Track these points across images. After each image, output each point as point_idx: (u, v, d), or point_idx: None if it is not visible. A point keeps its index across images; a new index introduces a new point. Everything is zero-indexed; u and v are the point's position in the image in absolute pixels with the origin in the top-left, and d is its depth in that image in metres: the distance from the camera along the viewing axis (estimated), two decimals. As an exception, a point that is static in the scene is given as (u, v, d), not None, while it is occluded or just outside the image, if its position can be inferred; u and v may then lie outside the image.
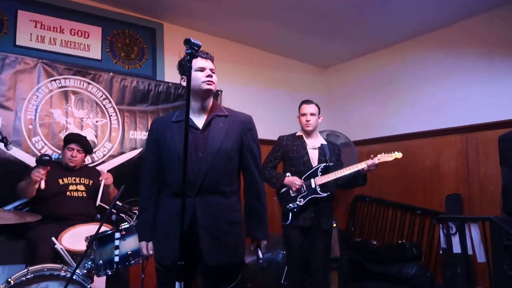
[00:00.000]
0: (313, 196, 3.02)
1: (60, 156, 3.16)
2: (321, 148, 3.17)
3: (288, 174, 3.17)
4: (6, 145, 2.55)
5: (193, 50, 1.42)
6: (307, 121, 3.16)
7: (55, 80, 3.35)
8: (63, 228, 2.63)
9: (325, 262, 3.12)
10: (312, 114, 3.17)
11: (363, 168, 2.95)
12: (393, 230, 4.29)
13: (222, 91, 4.30)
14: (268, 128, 4.77)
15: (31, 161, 3.07)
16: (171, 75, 4.09)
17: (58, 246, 2.38)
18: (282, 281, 3.93)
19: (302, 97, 5.38)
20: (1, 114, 3.06)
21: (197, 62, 1.94)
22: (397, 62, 4.59)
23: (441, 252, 3.22)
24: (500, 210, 3.00)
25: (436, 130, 4.04)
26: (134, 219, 2.84)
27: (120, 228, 2.39)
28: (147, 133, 2.07)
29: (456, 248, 2.82)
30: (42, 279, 2.14)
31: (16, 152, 3.04)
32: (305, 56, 5.20)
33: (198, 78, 1.90)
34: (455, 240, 2.82)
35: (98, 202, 3.00)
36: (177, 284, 1.35)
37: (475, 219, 2.85)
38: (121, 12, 3.92)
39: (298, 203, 3.03)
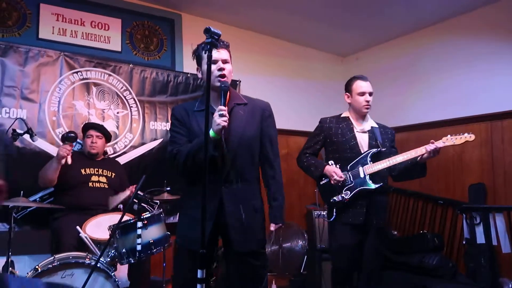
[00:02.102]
0: (361, 188, 2.56)
1: (82, 147, 3.22)
2: (371, 132, 2.70)
3: (331, 162, 2.71)
4: (31, 137, 2.63)
5: (213, 39, 1.42)
6: (367, 101, 2.68)
7: (77, 72, 3.41)
8: (86, 218, 2.70)
9: (376, 265, 2.73)
10: (371, 94, 2.70)
11: (422, 155, 2.45)
12: (414, 220, 4.24)
13: (240, 81, 4.29)
14: (286, 118, 4.76)
15: (55, 152, 3.14)
16: (190, 66, 4.09)
17: (82, 234, 2.45)
18: (301, 271, 3.94)
19: (320, 86, 5.37)
20: (25, 106, 3.14)
21: (206, 53, 1.94)
22: (417, 50, 4.48)
23: (464, 243, 3.17)
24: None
25: (460, 118, 3.94)
26: (155, 209, 2.90)
27: (142, 217, 2.42)
28: (170, 122, 2.07)
29: (480, 239, 2.77)
30: (68, 266, 2.21)
31: (41, 144, 3.12)
32: (324, 45, 5.13)
33: (211, 71, 1.89)
34: (479, 230, 2.77)
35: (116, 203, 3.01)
36: (199, 271, 1.37)
37: (500, 208, 2.79)
38: (140, 3, 3.95)
39: (344, 196, 2.57)
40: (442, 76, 4.20)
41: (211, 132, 1.78)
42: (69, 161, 2.73)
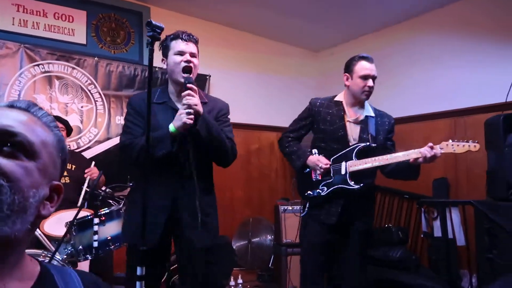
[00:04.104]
0: (340, 186, 2.28)
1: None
2: (364, 122, 2.36)
3: (314, 151, 2.41)
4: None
5: (155, 33, 1.39)
6: (370, 87, 2.32)
7: (38, 65, 3.32)
8: (46, 213, 2.63)
9: (360, 273, 2.38)
10: (374, 79, 2.34)
11: (416, 159, 2.13)
12: (381, 214, 4.30)
13: (210, 76, 4.26)
14: (258, 113, 4.77)
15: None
16: (158, 60, 4.02)
17: (37, 231, 2.39)
18: (270, 265, 3.97)
19: (293, 81, 5.38)
20: (-17, 99, 3.05)
21: (177, 45, 1.90)
22: (388, 46, 4.53)
23: (422, 236, 3.23)
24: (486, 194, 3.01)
25: (425, 114, 4.02)
26: (119, 204, 2.85)
27: (99, 213, 2.38)
28: (126, 111, 2.01)
29: (437, 232, 2.82)
30: (21, 263, 2.15)
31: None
32: (296, 39, 5.13)
33: (176, 63, 1.87)
34: (436, 224, 2.83)
35: (83, 192, 2.97)
36: (138, 268, 1.35)
37: (456, 203, 2.85)
38: (106, -5, 3.87)
39: (320, 192, 2.31)
40: (410, 72, 4.26)
41: (172, 127, 1.76)
42: None
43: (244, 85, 4.70)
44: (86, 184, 2.91)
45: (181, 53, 1.87)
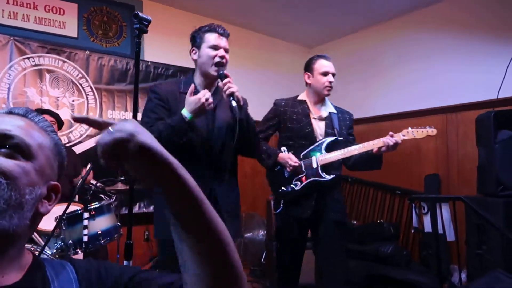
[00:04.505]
0: (313, 179, 2.35)
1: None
2: (328, 119, 2.49)
3: (283, 149, 2.48)
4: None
5: (142, 25, 1.37)
6: (330, 82, 2.44)
7: (28, 58, 3.29)
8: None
9: (339, 264, 2.39)
10: (334, 75, 2.47)
11: (379, 148, 2.28)
12: (373, 210, 4.32)
13: (203, 71, 4.24)
14: (251, 109, 4.74)
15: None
16: (150, 53, 4.02)
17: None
18: (262, 260, 3.97)
19: (286, 78, 5.37)
20: (-28, 92, 3.01)
21: (212, 38, 1.87)
22: (380, 42, 4.53)
23: (413, 231, 3.25)
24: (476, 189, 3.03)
25: (418, 110, 4.03)
26: (110, 199, 2.84)
27: (89, 207, 2.37)
28: (149, 99, 1.86)
29: (428, 227, 2.84)
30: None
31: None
32: (290, 35, 5.12)
33: (210, 56, 1.84)
34: (427, 219, 2.84)
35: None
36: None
37: (446, 198, 2.86)
38: (97, -12, 3.83)
39: (294, 187, 2.37)
40: (402, 69, 4.27)
41: (186, 112, 1.68)
42: None
43: (236, 80, 4.62)
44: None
45: (215, 47, 1.84)
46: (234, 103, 1.72)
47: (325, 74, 2.44)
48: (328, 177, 2.32)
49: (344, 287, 2.35)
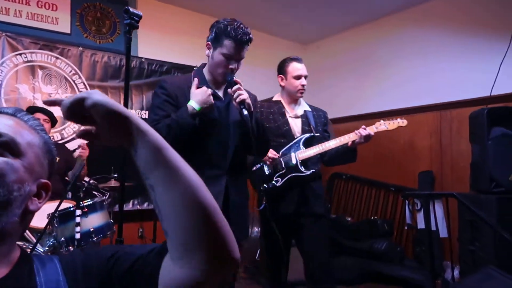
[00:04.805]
0: (293, 174, 2.39)
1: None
2: (304, 116, 2.57)
3: None
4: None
5: (132, 21, 1.36)
6: (303, 85, 2.50)
7: (20, 54, 3.26)
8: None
9: (323, 256, 2.43)
10: (306, 77, 2.54)
11: (353, 141, 2.39)
12: (367, 207, 4.34)
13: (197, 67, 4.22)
14: (246, 105, 4.73)
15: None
16: (144, 50, 4.00)
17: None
18: (256, 257, 3.97)
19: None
20: (-37, 89, 2.98)
21: (229, 46, 1.76)
22: (376, 39, 4.53)
23: (406, 228, 3.26)
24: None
25: (412, 107, 4.03)
26: (103, 196, 2.83)
27: (82, 205, 2.36)
28: (156, 94, 1.80)
29: (421, 224, 2.85)
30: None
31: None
32: (285, 32, 5.10)
33: (220, 66, 1.78)
34: (420, 216, 2.85)
35: (71, 176, 2.94)
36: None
37: (439, 195, 2.87)
38: (90, -16, 3.80)
39: (275, 183, 2.40)
40: (397, 65, 4.27)
41: (194, 104, 1.64)
42: None
43: (232, 77, 4.66)
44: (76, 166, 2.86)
45: (229, 57, 1.76)
46: (245, 112, 1.66)
47: (298, 77, 2.49)
48: (308, 172, 2.39)
49: (330, 279, 2.37)
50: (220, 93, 1.88)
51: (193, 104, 1.65)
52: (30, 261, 0.71)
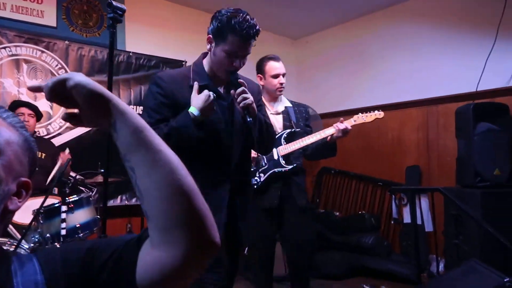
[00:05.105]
0: (275, 169, 2.43)
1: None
2: (285, 112, 2.58)
3: None
4: None
5: (116, 15, 1.34)
6: (281, 84, 2.51)
7: (4, 47, 3.20)
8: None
9: (306, 249, 2.48)
10: (284, 75, 2.55)
11: (331, 135, 2.42)
12: (356, 201, 4.37)
13: (186, 62, 4.19)
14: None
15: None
16: (132, 44, 3.95)
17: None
18: (245, 252, 3.98)
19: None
20: None
21: (233, 41, 1.57)
22: (365, 35, 4.54)
23: (392, 222, 3.30)
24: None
25: (400, 103, 4.06)
26: (90, 191, 2.81)
27: (68, 200, 2.34)
28: (150, 93, 1.61)
29: (407, 218, 2.88)
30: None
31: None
32: (275, 26, 5.08)
33: (223, 63, 1.60)
34: (406, 211, 2.88)
35: (49, 178, 2.91)
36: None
37: (425, 190, 2.91)
38: (77, -24, 3.74)
39: (258, 179, 2.43)
40: (386, 61, 4.29)
41: (194, 110, 1.49)
42: None
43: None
44: (55, 170, 2.83)
45: (232, 55, 1.57)
46: (249, 119, 1.53)
47: (275, 76, 2.50)
48: (289, 167, 2.43)
49: (312, 271, 2.43)
50: (221, 88, 1.73)
51: (194, 111, 1.50)
52: (8, 261, 0.70)
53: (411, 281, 3.11)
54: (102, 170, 2.96)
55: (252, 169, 2.34)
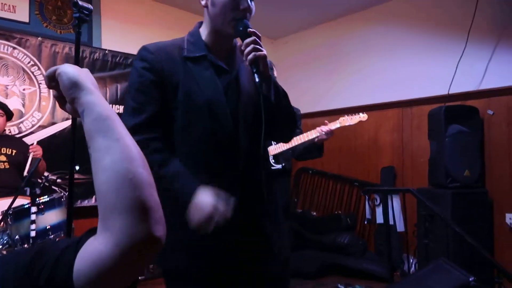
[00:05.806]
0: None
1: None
2: None
3: None
4: None
5: (82, 14, 1.32)
6: None
7: (-26, 43, 3.11)
8: (-16, 201, 2.50)
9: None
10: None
11: (317, 137, 2.54)
12: (332, 201, 4.41)
13: (163, 60, 4.15)
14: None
15: None
16: (108, 41, 3.89)
17: (-31, 220, 2.27)
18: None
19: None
20: None
21: None
22: (342, 36, 4.59)
23: (365, 222, 3.35)
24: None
25: (376, 104, 4.12)
26: (63, 192, 2.76)
27: (38, 202, 2.29)
28: (135, 70, 1.26)
29: (379, 219, 2.93)
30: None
31: None
32: (254, 26, 5.07)
33: (228, 8, 1.23)
34: (379, 211, 2.93)
35: (25, 173, 2.85)
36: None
37: (397, 190, 2.96)
38: (51, -29, 3.66)
39: None
40: (362, 62, 4.34)
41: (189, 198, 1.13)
42: None
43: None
44: (29, 162, 2.76)
45: None
46: (257, 78, 1.17)
47: None
48: (278, 166, 2.59)
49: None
50: (223, 60, 1.33)
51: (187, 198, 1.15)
52: None
53: (385, 279, 3.16)
54: (77, 167, 2.91)
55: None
